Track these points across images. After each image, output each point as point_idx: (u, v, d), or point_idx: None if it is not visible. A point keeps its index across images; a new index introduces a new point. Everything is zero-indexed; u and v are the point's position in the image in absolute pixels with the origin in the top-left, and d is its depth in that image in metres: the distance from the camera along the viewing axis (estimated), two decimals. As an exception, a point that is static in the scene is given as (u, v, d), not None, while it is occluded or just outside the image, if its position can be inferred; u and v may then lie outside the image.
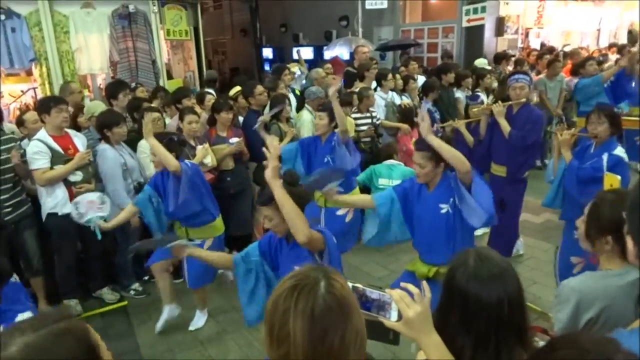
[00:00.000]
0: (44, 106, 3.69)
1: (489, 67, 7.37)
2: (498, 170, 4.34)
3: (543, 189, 5.73)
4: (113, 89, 4.66)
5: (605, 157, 3.17)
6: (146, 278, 4.42)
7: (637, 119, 5.51)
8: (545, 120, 5.00)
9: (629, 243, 1.08)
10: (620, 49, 9.99)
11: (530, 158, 4.32)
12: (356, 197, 3.36)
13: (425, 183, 2.71)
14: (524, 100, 4.05)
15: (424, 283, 1.30)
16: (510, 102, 4.11)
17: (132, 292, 4.20)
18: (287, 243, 2.37)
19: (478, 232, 4.28)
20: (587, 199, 2.83)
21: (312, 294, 1.00)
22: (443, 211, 2.65)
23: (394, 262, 4.69)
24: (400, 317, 1.22)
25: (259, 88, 4.66)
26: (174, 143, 3.36)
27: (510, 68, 7.77)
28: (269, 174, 2.15)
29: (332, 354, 0.98)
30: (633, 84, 6.23)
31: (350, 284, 1.19)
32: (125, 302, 4.13)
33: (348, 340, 0.99)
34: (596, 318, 1.60)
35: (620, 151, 3.20)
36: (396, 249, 4.85)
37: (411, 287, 1.26)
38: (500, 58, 8.08)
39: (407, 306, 1.21)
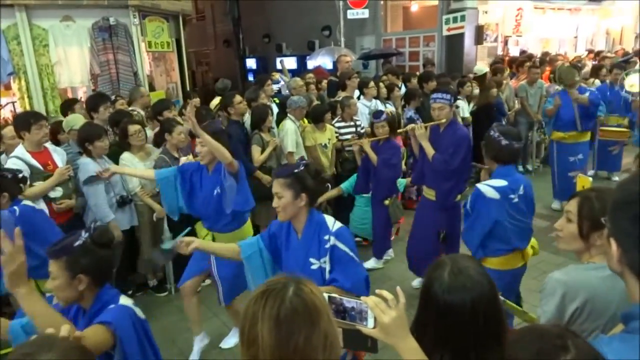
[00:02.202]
0: (23, 123, 3.62)
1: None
2: (428, 193, 4.02)
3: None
4: (93, 102, 4.61)
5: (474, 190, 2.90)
6: (129, 292, 4.36)
7: (615, 129, 5.60)
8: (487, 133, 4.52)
9: (612, 246, 1.08)
10: (596, 55, 10.25)
11: (459, 183, 3.86)
12: (221, 246, 2.57)
13: (294, 227, 2.28)
14: (443, 120, 3.73)
15: (398, 288, 1.31)
16: (431, 123, 3.82)
17: (115, 308, 4.13)
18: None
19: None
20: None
21: (279, 297, 1.04)
22: (314, 267, 2.16)
23: (379, 269, 4.69)
24: (376, 323, 1.23)
25: (237, 97, 4.65)
26: (8, 181, 2.86)
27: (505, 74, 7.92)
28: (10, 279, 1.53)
29: (298, 356, 1.01)
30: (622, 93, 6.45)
31: (326, 295, 1.20)
32: (109, 318, 4.06)
33: (315, 344, 1.01)
34: (581, 308, 1.63)
35: (490, 182, 2.80)
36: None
37: (385, 293, 1.28)
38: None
39: (382, 312, 1.23)
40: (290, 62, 11.13)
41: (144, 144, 4.14)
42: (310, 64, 10.12)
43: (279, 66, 8.28)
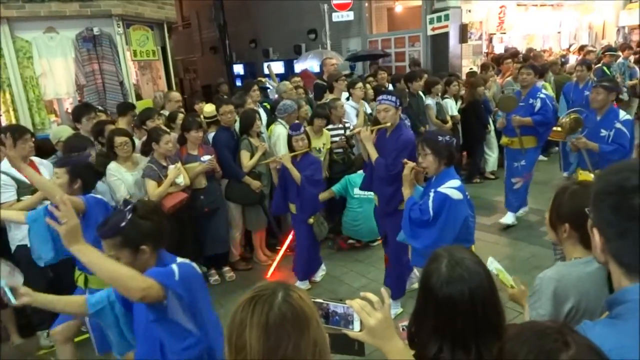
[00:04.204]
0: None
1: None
2: (375, 198, 3.92)
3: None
4: (77, 113, 4.59)
5: (432, 194, 2.78)
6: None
7: (559, 129, 5.24)
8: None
9: (595, 236, 1.10)
10: (580, 50, 10.37)
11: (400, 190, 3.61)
12: (64, 301, 2.09)
13: None
14: (388, 123, 3.61)
15: (382, 290, 1.31)
16: (377, 127, 3.72)
17: (108, 319, 4.09)
18: None
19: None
20: (421, 242, 2.83)
21: (267, 304, 1.03)
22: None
23: (373, 270, 4.70)
24: (362, 326, 1.23)
25: (224, 107, 4.61)
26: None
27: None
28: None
29: None
30: (586, 92, 6.16)
31: (312, 300, 1.20)
32: (102, 330, 4.02)
33: (304, 351, 1.01)
34: (576, 307, 1.63)
35: (450, 185, 2.75)
36: (375, 257, 4.88)
37: (370, 295, 1.28)
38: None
39: (368, 315, 1.23)
40: (278, 67, 11.15)
41: (131, 154, 4.12)
42: (298, 67, 10.13)
43: (266, 71, 8.28)
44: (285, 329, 1.00)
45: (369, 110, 5.74)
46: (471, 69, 8.43)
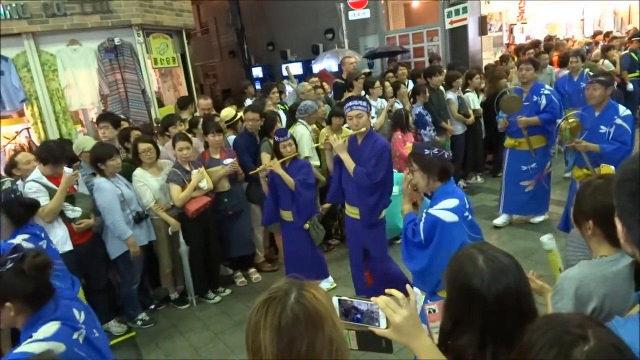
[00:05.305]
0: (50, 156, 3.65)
1: None
2: (351, 211, 3.71)
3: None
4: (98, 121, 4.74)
5: (423, 215, 2.48)
6: (152, 307, 4.41)
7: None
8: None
9: (618, 226, 1.08)
10: (606, 36, 10.08)
11: (384, 197, 3.58)
12: None
13: None
14: (363, 129, 3.44)
15: (408, 286, 1.29)
16: (349, 134, 3.57)
17: (139, 323, 4.18)
18: None
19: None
20: (415, 264, 2.55)
21: (280, 305, 1.03)
22: None
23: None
24: (388, 323, 1.22)
25: (250, 114, 4.62)
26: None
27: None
28: None
29: None
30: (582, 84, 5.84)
31: (336, 298, 1.19)
32: (133, 333, 4.10)
33: (319, 350, 1.01)
34: (600, 307, 1.57)
35: (443, 206, 2.41)
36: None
37: (395, 291, 1.26)
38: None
39: (393, 311, 1.21)
40: (296, 68, 11.19)
41: (155, 160, 4.19)
42: (316, 67, 10.15)
43: (285, 73, 8.32)
44: (298, 330, 1.00)
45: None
46: (489, 64, 8.25)
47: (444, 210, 2.38)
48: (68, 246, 3.63)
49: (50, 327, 1.70)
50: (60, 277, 2.60)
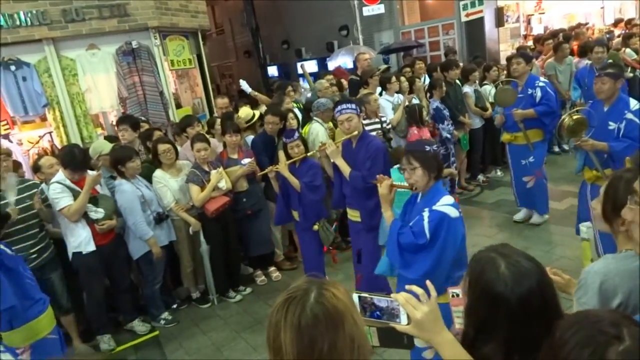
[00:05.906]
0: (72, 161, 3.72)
1: None
2: (353, 215, 3.70)
3: (561, 175, 5.64)
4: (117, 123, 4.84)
5: (425, 214, 2.36)
6: (175, 306, 4.47)
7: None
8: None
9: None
10: (627, 24, 9.83)
11: None
12: None
13: None
14: (355, 132, 3.43)
15: (428, 282, 1.29)
16: (342, 139, 3.57)
17: (162, 322, 4.24)
18: None
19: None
20: (416, 271, 2.38)
21: (300, 305, 1.02)
22: None
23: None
24: (409, 319, 1.21)
25: (270, 117, 4.58)
26: None
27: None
28: None
29: None
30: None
31: (356, 295, 1.19)
32: (157, 332, 4.16)
33: (340, 349, 1.00)
34: (626, 302, 1.53)
35: (445, 202, 2.37)
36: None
37: (415, 288, 1.25)
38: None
39: (414, 308, 1.21)
40: (311, 66, 11.18)
41: (174, 161, 4.24)
42: (331, 65, 10.13)
43: (300, 71, 8.32)
44: (319, 330, 1.00)
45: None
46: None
47: (448, 206, 2.36)
48: (91, 247, 3.71)
49: None
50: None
